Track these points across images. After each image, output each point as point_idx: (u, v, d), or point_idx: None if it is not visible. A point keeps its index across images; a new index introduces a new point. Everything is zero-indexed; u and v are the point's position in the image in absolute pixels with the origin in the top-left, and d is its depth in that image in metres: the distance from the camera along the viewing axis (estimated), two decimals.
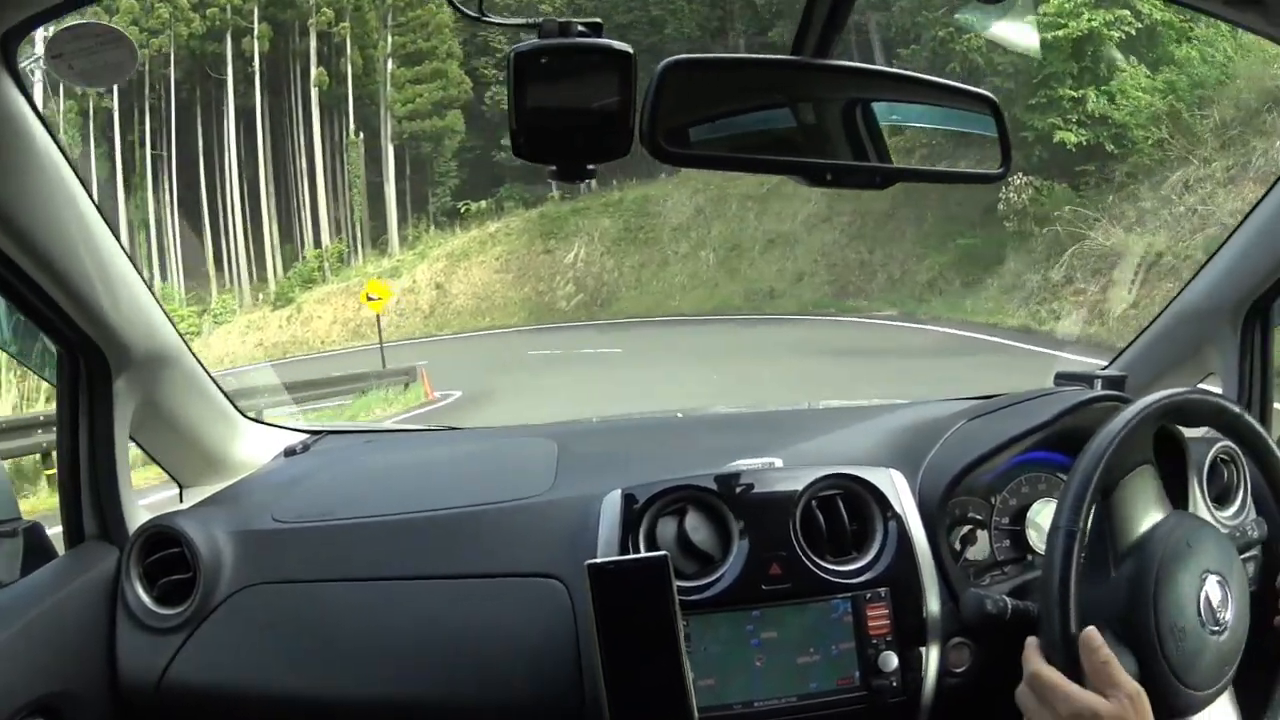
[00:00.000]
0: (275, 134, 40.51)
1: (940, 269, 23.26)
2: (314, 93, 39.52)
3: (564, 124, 0.99)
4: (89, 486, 1.46)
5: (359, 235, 38.82)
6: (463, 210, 36.44)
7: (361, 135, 39.31)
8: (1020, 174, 19.50)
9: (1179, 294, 1.83)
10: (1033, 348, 14.90)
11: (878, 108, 1.19)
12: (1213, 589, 1.22)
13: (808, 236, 28.20)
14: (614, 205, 33.58)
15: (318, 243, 39.32)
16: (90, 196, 1.28)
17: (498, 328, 30.31)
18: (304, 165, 39.79)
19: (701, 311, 27.59)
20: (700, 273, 30.59)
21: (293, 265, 38.36)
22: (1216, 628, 1.21)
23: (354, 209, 39.11)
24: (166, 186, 39.10)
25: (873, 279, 25.79)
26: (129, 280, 1.40)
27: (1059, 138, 19.60)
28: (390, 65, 39.39)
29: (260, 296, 37.48)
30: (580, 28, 0.96)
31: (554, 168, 1.01)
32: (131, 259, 1.41)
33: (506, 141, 1.00)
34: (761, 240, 29.56)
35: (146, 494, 1.67)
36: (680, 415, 2.13)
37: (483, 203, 35.98)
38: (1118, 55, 19.58)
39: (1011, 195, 19.89)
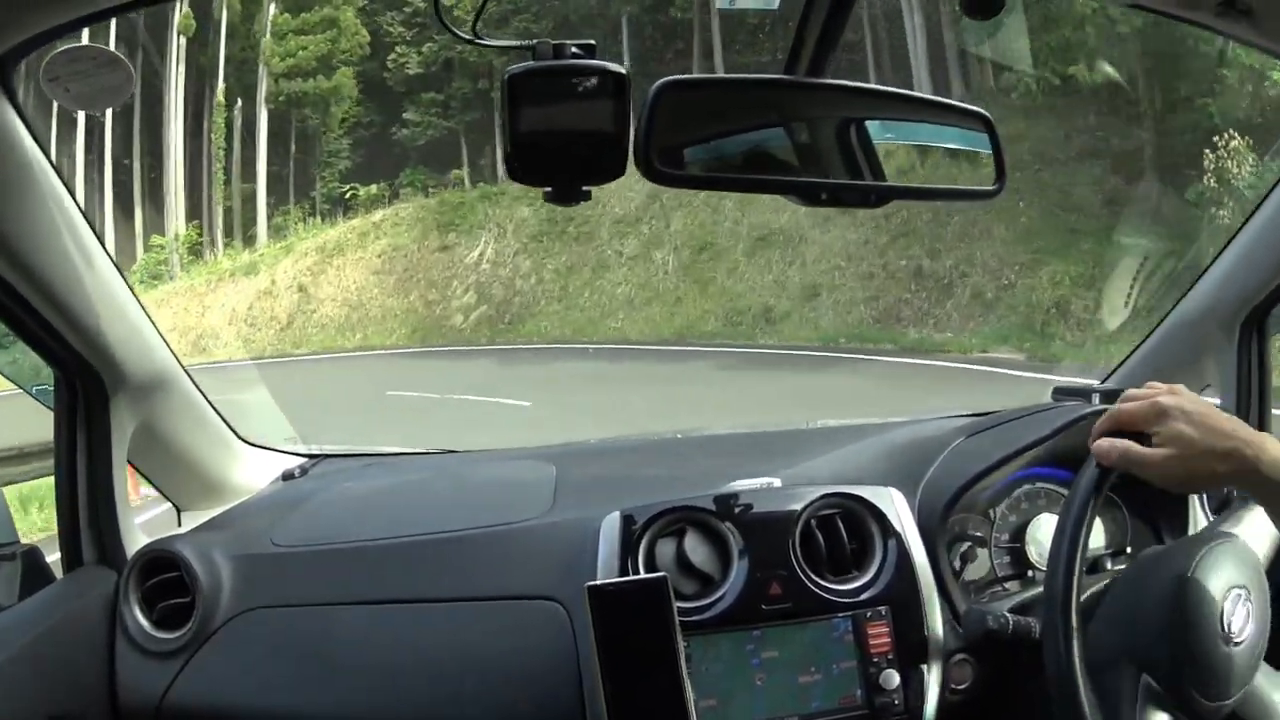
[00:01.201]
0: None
1: (1070, 282, 15.08)
2: (178, 42, 29.56)
3: (558, 146, 0.99)
4: (87, 510, 1.45)
5: (219, 223, 29.83)
6: (348, 195, 28.39)
7: (239, 104, 29.72)
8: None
9: (1175, 306, 1.83)
10: None
11: (872, 126, 1.19)
12: (1235, 605, 1.19)
13: (819, 234, 19.55)
14: (535, 190, 24.61)
15: (163, 230, 30.17)
16: (87, 219, 1.28)
17: (367, 349, 22.60)
18: (168, 133, 29.59)
19: (658, 338, 19.47)
20: (655, 282, 21.66)
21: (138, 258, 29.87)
22: (1237, 641, 1.20)
23: (215, 190, 30.18)
24: None
25: (945, 296, 16.98)
26: (125, 304, 1.40)
27: None
28: (272, 9, 30.02)
29: None
30: (574, 49, 0.97)
31: (549, 189, 1.01)
32: (126, 282, 1.41)
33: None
34: (747, 238, 20.70)
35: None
36: (678, 436, 2.12)
37: (373, 187, 27.88)
38: None
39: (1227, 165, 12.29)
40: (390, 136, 28.73)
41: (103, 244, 1.33)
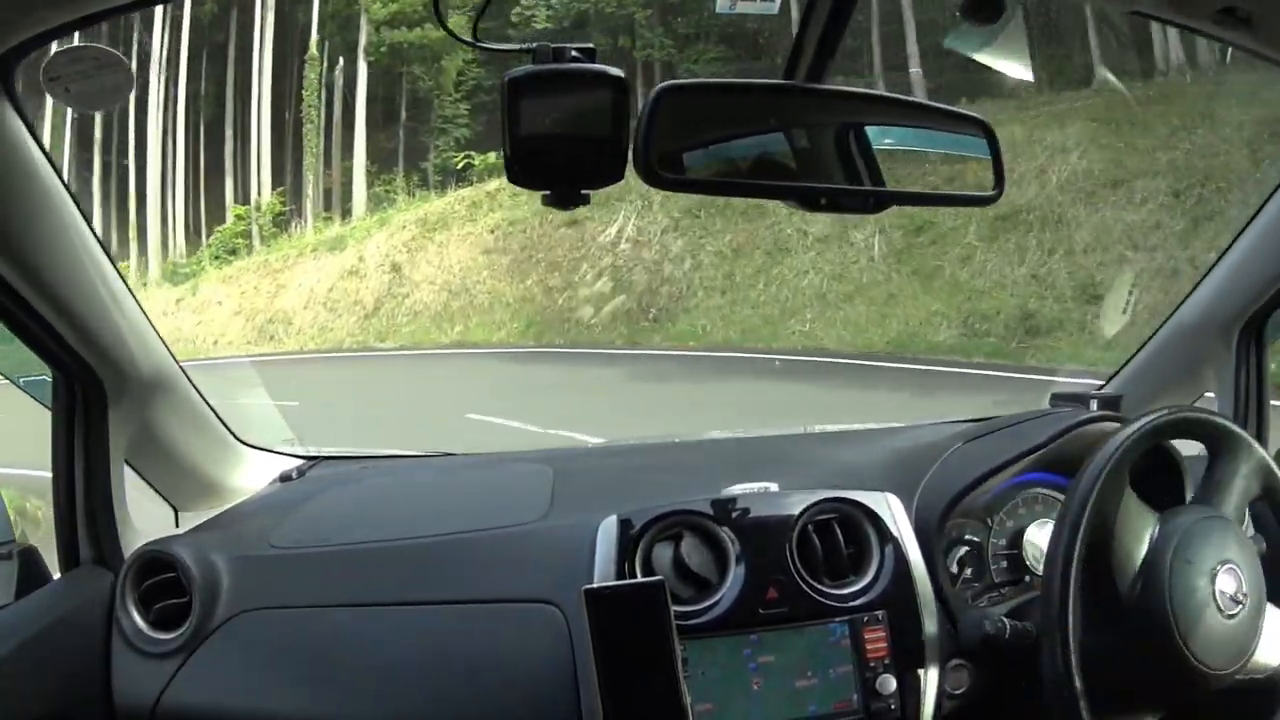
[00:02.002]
0: (210, 45, 26.02)
1: None
2: None
3: (559, 150, 1.00)
4: (84, 510, 1.45)
5: (310, 191, 25.62)
6: (462, 165, 23.31)
7: (340, 63, 25.09)
8: None
9: (1173, 312, 1.83)
10: None
11: (871, 131, 1.20)
12: (1226, 578, 1.25)
13: (1083, 212, 14.07)
14: None
15: (247, 199, 25.72)
16: (87, 220, 1.28)
17: (466, 345, 17.36)
18: (254, 92, 25.57)
19: (866, 348, 13.30)
20: (854, 272, 15.27)
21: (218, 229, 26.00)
22: (1233, 612, 1.24)
23: (305, 154, 25.76)
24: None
25: None
26: (125, 305, 1.41)
27: None
28: None
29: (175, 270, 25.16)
30: (574, 53, 0.97)
31: (548, 193, 1.02)
32: (126, 282, 1.41)
33: None
34: (981, 217, 13.97)
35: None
36: (676, 440, 2.12)
37: (491, 155, 22.15)
38: None
39: None
40: None
41: (102, 245, 1.33)
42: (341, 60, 24.82)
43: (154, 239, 25.12)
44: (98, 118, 24.45)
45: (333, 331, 19.31)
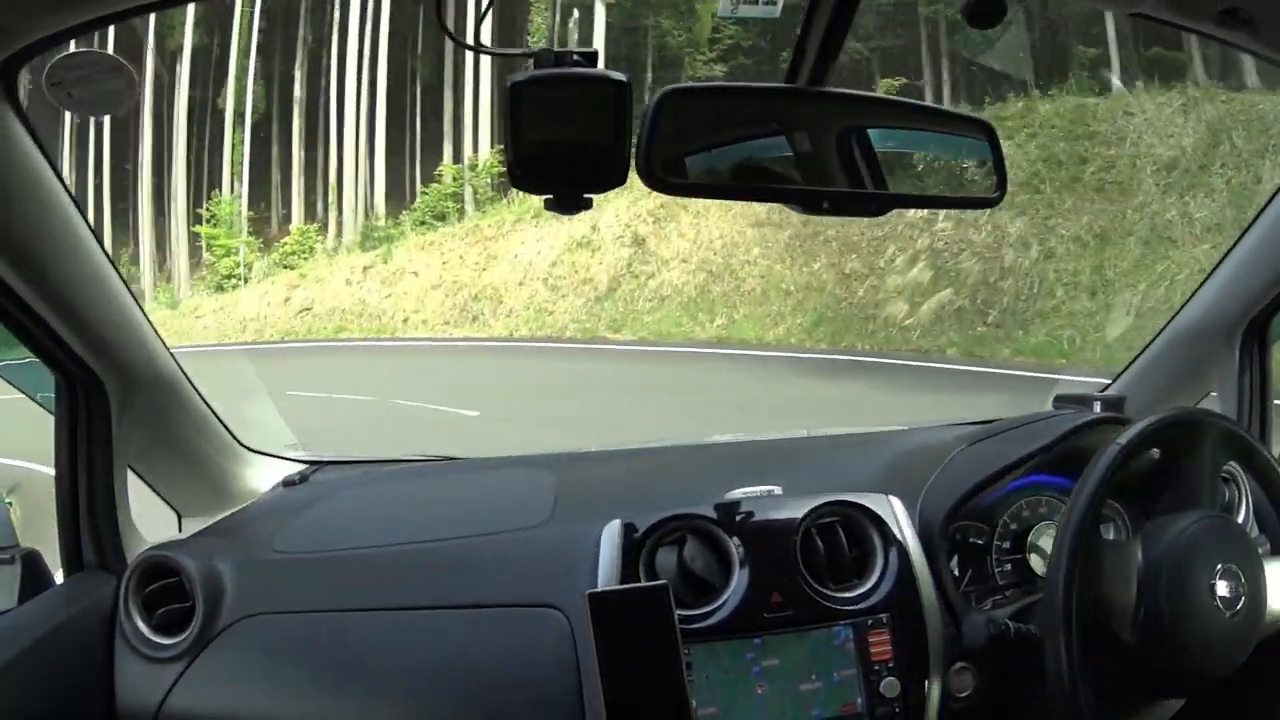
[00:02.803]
0: None
1: None
2: None
3: (561, 154, 1.00)
4: (87, 515, 1.45)
5: None
6: None
7: (575, 15, 21.35)
8: None
9: (1176, 314, 1.83)
10: None
11: (873, 134, 1.20)
12: (1226, 579, 1.25)
13: None
14: (1052, 114, 14.20)
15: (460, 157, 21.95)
16: (88, 224, 1.28)
17: (730, 344, 13.22)
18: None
19: None
20: None
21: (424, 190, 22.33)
22: (1232, 613, 1.24)
23: None
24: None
25: None
26: (128, 309, 1.41)
27: None
28: None
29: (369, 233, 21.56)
30: (577, 57, 0.97)
31: (550, 198, 1.02)
32: (128, 286, 1.41)
33: None
34: None
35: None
36: (678, 444, 2.12)
37: None
38: None
39: None
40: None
41: (103, 248, 1.33)
42: (576, 12, 21.42)
43: (350, 200, 22.52)
44: (297, 70, 23.55)
45: (552, 315, 15.74)
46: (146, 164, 22.42)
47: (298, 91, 24.04)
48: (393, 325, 17.13)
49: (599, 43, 20.88)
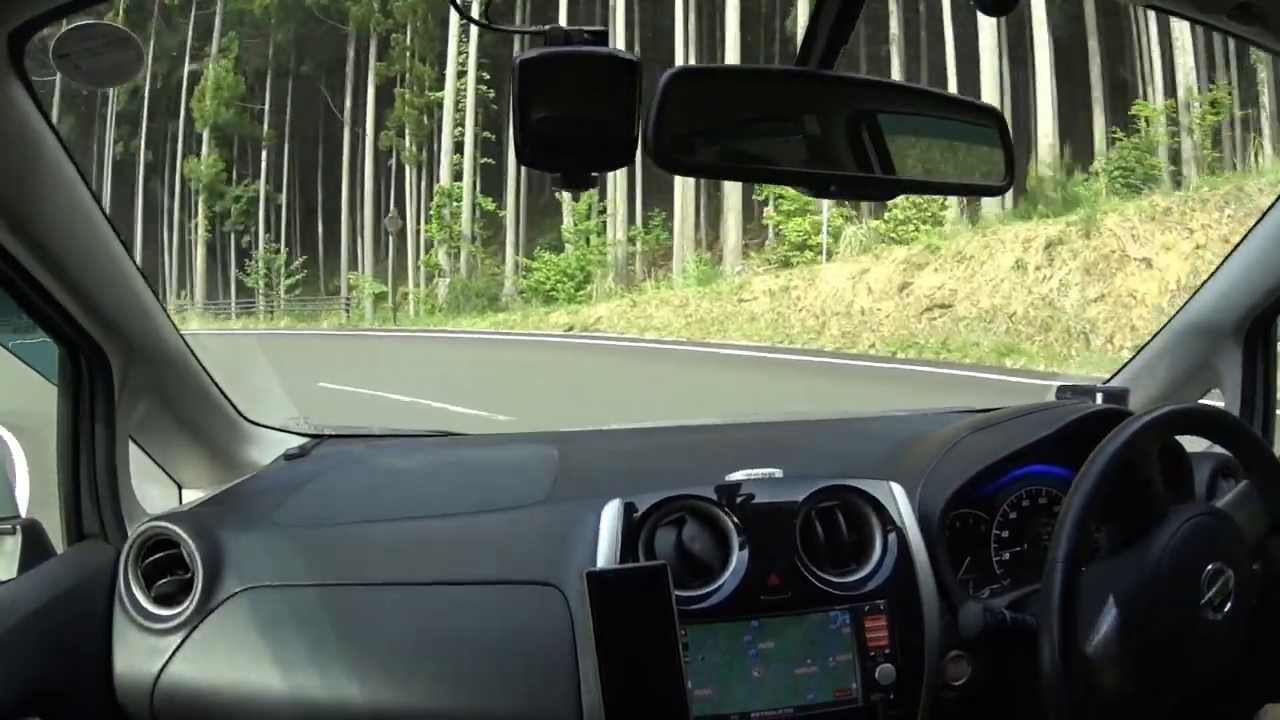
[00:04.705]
0: None
1: None
2: None
3: (569, 132, 0.99)
4: (88, 485, 1.45)
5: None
6: None
7: None
8: None
9: (1181, 309, 1.83)
10: None
11: (882, 119, 1.19)
12: (1221, 578, 1.25)
13: None
14: None
15: None
16: (94, 196, 1.28)
17: None
18: None
19: None
20: None
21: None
22: (1225, 612, 1.25)
23: None
24: None
25: None
26: (132, 280, 1.41)
27: None
28: None
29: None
30: (587, 35, 0.97)
31: (558, 175, 1.02)
32: (133, 258, 1.41)
33: None
34: None
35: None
36: (680, 425, 2.12)
37: None
38: None
39: None
40: None
41: (110, 222, 1.33)
42: None
43: None
44: None
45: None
46: None
47: None
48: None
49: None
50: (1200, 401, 1.81)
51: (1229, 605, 1.25)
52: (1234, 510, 1.36)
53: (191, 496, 1.73)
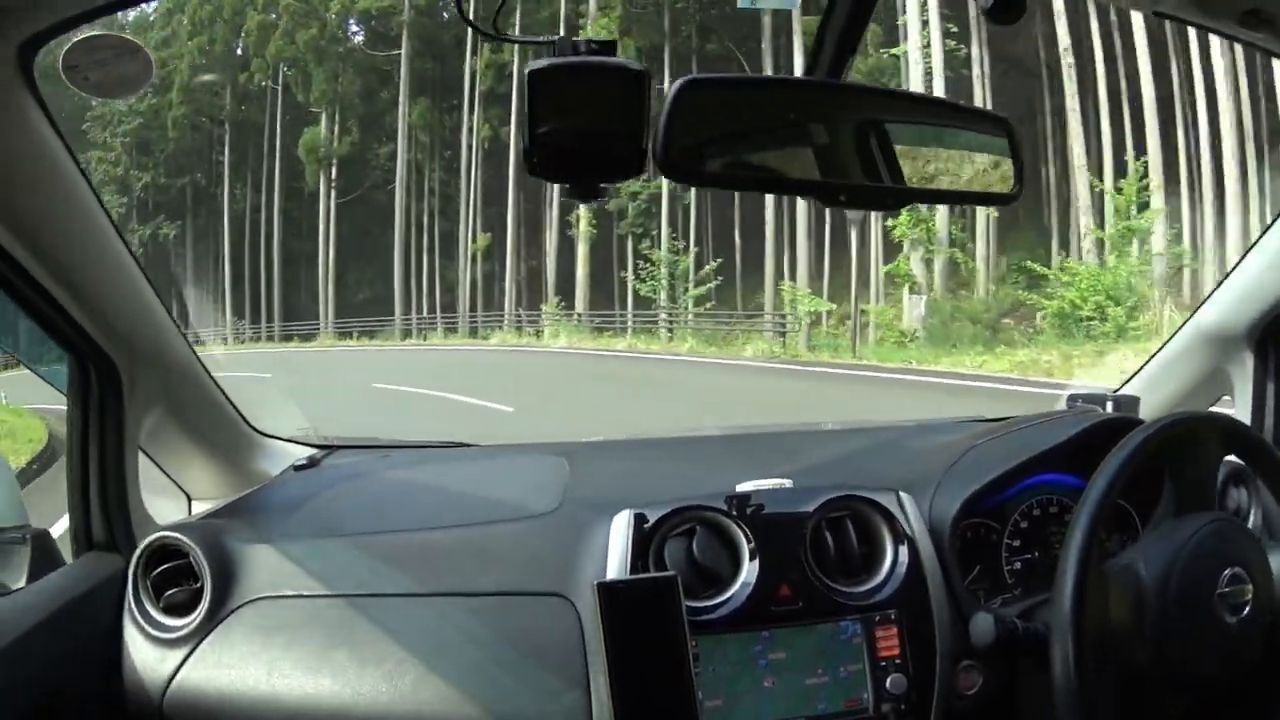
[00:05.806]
0: None
1: None
2: None
3: (578, 142, 0.99)
4: (98, 495, 1.46)
5: None
6: None
7: None
8: None
9: (1191, 316, 1.82)
10: None
11: (891, 129, 1.19)
12: (1234, 584, 1.25)
13: None
14: None
15: None
16: (103, 207, 1.28)
17: None
18: None
19: None
20: None
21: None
22: (1240, 618, 1.24)
23: None
24: None
25: None
26: (141, 291, 1.41)
27: None
28: None
29: None
30: (595, 45, 0.97)
31: (567, 185, 1.01)
32: (142, 269, 1.41)
33: None
34: None
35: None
36: (689, 434, 2.12)
37: None
38: None
39: None
40: None
41: (119, 233, 1.33)
42: None
43: None
44: None
45: None
46: None
47: None
48: None
49: None
50: (1211, 409, 1.80)
51: (1246, 610, 1.24)
52: (1247, 517, 1.35)
53: (201, 507, 1.73)
